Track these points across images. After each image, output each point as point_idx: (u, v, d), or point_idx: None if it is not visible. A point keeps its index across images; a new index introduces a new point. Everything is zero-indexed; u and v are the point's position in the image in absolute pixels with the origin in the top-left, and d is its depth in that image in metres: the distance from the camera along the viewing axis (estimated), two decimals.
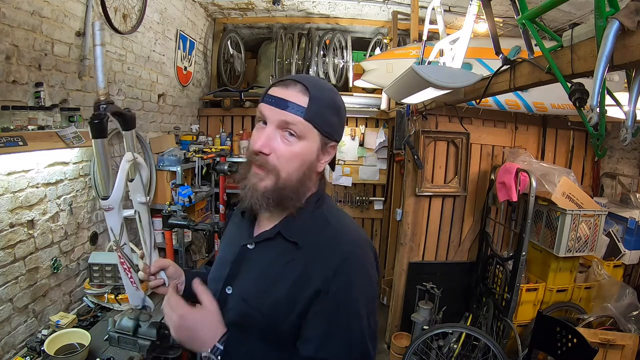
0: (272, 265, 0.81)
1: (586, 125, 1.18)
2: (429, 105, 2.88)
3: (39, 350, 1.66)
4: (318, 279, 0.74)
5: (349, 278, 0.75)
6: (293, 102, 0.78)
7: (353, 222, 0.89)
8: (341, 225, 0.84)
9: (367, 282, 0.79)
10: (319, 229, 0.81)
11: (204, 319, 0.78)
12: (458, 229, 3.63)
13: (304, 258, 0.78)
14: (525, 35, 1.44)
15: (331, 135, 0.83)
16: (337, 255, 0.76)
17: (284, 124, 0.78)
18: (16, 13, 1.64)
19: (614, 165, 3.73)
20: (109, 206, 0.84)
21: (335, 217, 0.86)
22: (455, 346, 2.80)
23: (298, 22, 4.19)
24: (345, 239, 0.81)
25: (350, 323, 0.75)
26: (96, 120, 0.82)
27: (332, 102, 0.83)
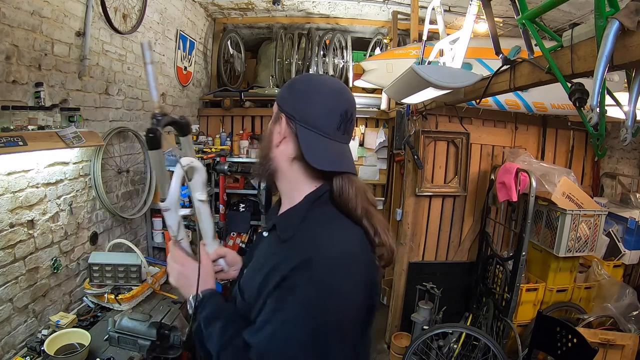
0: (264, 254, 0.86)
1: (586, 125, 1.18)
2: (429, 105, 2.88)
3: (39, 350, 1.66)
4: (283, 271, 0.74)
5: (304, 278, 0.72)
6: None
7: (345, 239, 0.80)
8: (326, 234, 0.79)
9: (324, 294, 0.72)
10: (305, 230, 0.81)
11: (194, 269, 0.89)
12: (458, 229, 3.63)
13: (284, 252, 0.79)
14: (525, 35, 1.44)
15: (279, 105, 0.87)
16: (303, 255, 0.74)
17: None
18: (16, 13, 1.64)
19: (614, 165, 3.73)
20: (167, 207, 0.93)
21: (326, 224, 0.81)
22: (455, 346, 2.80)
23: (298, 22, 4.19)
24: (322, 244, 0.77)
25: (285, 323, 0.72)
26: (150, 135, 0.88)
27: (292, 81, 0.90)
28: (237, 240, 3.97)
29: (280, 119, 0.85)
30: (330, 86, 0.86)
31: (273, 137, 0.86)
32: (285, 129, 0.84)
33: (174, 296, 2.20)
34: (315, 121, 0.82)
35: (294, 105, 0.84)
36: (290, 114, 0.83)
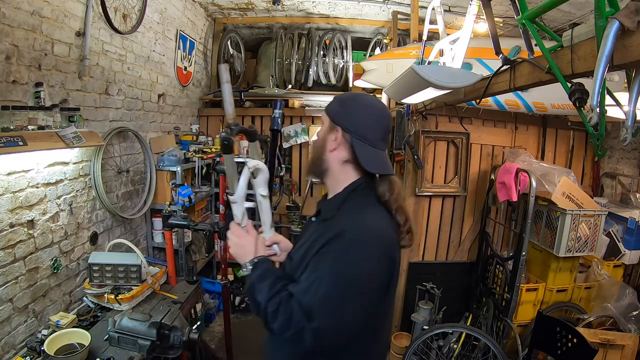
0: (310, 232, 1.10)
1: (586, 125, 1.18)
2: (429, 105, 2.88)
3: (39, 350, 1.66)
4: (321, 242, 0.98)
5: (335, 247, 0.95)
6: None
7: (375, 220, 1.02)
8: (360, 215, 1.02)
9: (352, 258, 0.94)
10: (342, 212, 1.04)
11: (250, 241, 1.15)
12: (458, 229, 3.63)
13: (324, 229, 1.02)
14: (525, 35, 1.44)
15: (333, 119, 1.09)
16: (337, 229, 0.97)
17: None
18: (16, 13, 1.64)
19: (614, 165, 3.73)
20: (234, 200, 1.16)
21: (360, 209, 1.04)
22: (455, 346, 2.80)
23: (298, 22, 4.19)
24: (354, 222, 0.99)
25: (317, 280, 0.94)
26: (225, 142, 1.11)
27: (342, 98, 1.14)
28: None
29: (337, 131, 1.08)
30: (376, 106, 1.11)
31: (327, 144, 1.09)
32: (341, 139, 1.07)
33: (174, 296, 2.20)
34: (366, 135, 1.06)
35: (349, 121, 1.07)
36: (346, 127, 1.07)
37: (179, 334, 1.77)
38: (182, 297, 2.20)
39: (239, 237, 1.17)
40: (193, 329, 1.84)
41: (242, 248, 1.15)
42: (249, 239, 1.16)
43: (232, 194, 1.16)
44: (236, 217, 1.17)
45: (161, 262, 2.53)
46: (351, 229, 0.97)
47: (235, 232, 1.18)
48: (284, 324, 0.94)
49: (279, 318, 0.95)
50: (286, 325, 0.94)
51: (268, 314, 0.97)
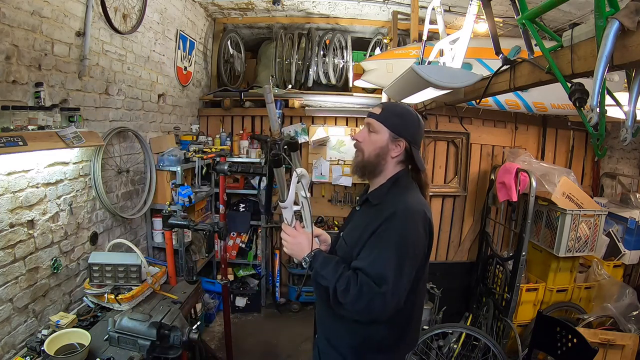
0: (360, 218, 1.35)
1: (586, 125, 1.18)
2: (429, 105, 2.88)
3: (39, 350, 1.66)
4: (376, 223, 1.20)
5: (392, 224, 1.18)
6: (373, 113, 1.35)
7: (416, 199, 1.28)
8: (403, 197, 1.26)
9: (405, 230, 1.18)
10: (389, 197, 1.29)
11: (304, 238, 1.31)
12: (458, 229, 3.64)
13: (375, 213, 1.25)
14: (525, 35, 1.44)
15: (396, 131, 1.30)
16: (390, 210, 1.21)
17: (368, 125, 1.35)
18: (16, 13, 1.64)
19: (614, 165, 3.73)
20: (285, 206, 1.31)
21: (403, 193, 1.28)
22: (455, 346, 2.80)
23: (298, 22, 4.19)
24: (402, 203, 1.23)
25: (381, 251, 1.16)
26: (276, 157, 1.26)
27: (398, 111, 1.34)
28: (237, 240, 3.97)
29: (400, 141, 1.31)
30: (417, 116, 1.37)
31: (390, 152, 1.31)
32: (403, 148, 1.31)
33: (174, 296, 2.20)
34: (417, 142, 1.35)
35: (409, 133, 1.32)
36: (408, 139, 1.31)
37: (179, 334, 1.77)
38: (182, 297, 2.20)
39: (293, 236, 1.32)
40: (193, 329, 1.84)
41: (298, 245, 1.30)
42: (302, 236, 1.31)
43: (283, 201, 1.31)
44: (286, 220, 1.33)
45: (161, 262, 2.53)
46: (402, 209, 1.20)
47: (290, 232, 1.33)
48: (355, 297, 1.12)
49: (350, 292, 1.12)
50: (358, 297, 1.12)
51: (338, 293, 1.14)
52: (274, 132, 1.33)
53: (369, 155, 1.32)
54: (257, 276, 3.98)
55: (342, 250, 1.34)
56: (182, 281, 2.38)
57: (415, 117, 1.35)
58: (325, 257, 1.26)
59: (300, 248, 1.30)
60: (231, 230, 3.90)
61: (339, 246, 1.37)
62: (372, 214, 1.27)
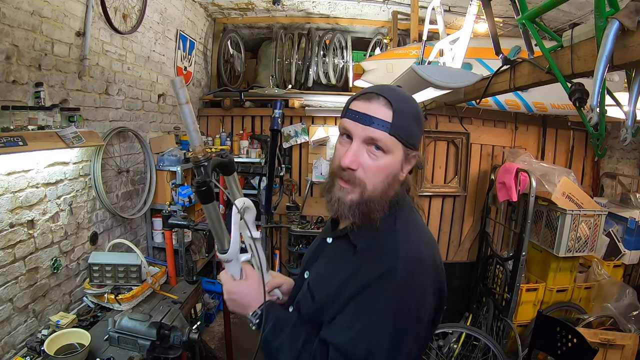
0: (336, 260, 0.90)
1: (586, 125, 1.18)
2: (429, 105, 2.88)
3: (39, 350, 1.66)
4: (363, 279, 0.79)
5: (388, 287, 0.77)
6: (378, 118, 0.80)
7: (422, 237, 0.86)
8: (405, 237, 0.82)
9: (407, 297, 0.78)
10: (382, 235, 0.83)
11: (245, 290, 0.92)
12: (458, 229, 3.64)
13: (360, 258, 0.83)
14: (525, 35, 1.44)
15: (414, 145, 0.85)
16: (385, 264, 0.78)
17: (370, 140, 0.81)
18: (16, 13, 1.64)
19: (614, 165, 3.73)
20: (229, 259, 0.92)
21: (404, 226, 0.85)
22: (455, 346, 2.80)
23: (298, 22, 4.19)
24: (401, 251, 0.79)
25: (368, 324, 0.77)
26: (203, 188, 0.82)
27: (415, 112, 0.85)
28: None
29: (415, 158, 0.87)
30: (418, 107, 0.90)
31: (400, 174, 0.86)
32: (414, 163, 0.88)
33: (174, 296, 2.20)
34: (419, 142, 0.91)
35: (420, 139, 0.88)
36: (417, 147, 0.87)
37: (179, 334, 1.77)
38: (182, 297, 2.20)
39: (236, 286, 0.93)
40: (193, 329, 1.84)
41: (243, 298, 0.92)
42: (248, 285, 0.93)
43: (223, 252, 0.91)
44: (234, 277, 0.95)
45: (161, 262, 2.53)
46: (403, 262, 0.78)
47: (224, 283, 0.95)
48: None
49: None
50: None
51: None
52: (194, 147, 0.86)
53: (375, 190, 0.83)
54: None
55: (306, 306, 0.90)
56: (182, 281, 2.38)
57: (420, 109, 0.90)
58: (278, 319, 0.88)
59: (245, 302, 0.91)
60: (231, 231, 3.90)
61: (303, 298, 0.93)
62: (354, 261, 0.84)
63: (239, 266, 0.94)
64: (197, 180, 0.82)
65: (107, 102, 2.38)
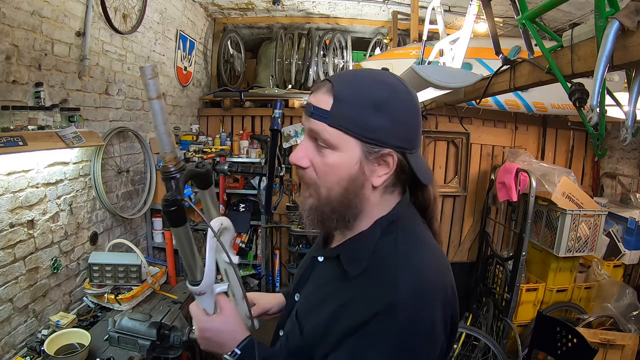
0: (327, 286, 0.75)
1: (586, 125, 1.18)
2: (429, 105, 2.88)
3: (39, 350, 1.66)
4: (358, 316, 0.65)
5: (390, 324, 0.63)
6: (317, 107, 0.67)
7: (430, 258, 0.69)
8: (408, 263, 0.66)
9: (409, 342, 0.64)
10: (380, 260, 0.68)
11: (221, 326, 0.80)
12: (458, 229, 3.64)
13: (354, 287, 0.68)
14: (525, 35, 1.44)
15: (377, 140, 0.66)
16: (387, 298, 0.63)
17: (312, 133, 0.69)
18: (16, 13, 1.64)
19: (614, 165, 3.73)
20: (202, 291, 0.77)
21: (407, 249, 0.68)
22: (455, 346, 2.80)
23: (298, 22, 4.19)
24: (406, 281, 0.64)
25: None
26: (172, 208, 0.66)
27: (372, 99, 0.65)
28: (237, 240, 3.96)
29: (387, 157, 0.67)
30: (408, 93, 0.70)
31: (367, 181, 0.69)
32: (394, 164, 0.68)
33: (174, 296, 2.20)
34: (415, 141, 0.70)
35: (403, 136, 0.68)
36: (401, 147, 0.68)
37: (179, 334, 1.76)
38: (182, 297, 2.20)
39: (208, 322, 0.80)
40: (193, 329, 1.83)
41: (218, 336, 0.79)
42: (223, 320, 0.80)
43: (195, 283, 0.76)
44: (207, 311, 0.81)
45: (161, 262, 2.53)
46: (407, 294, 0.63)
47: (202, 320, 0.81)
48: None
49: None
50: None
51: None
52: (164, 154, 0.70)
53: (330, 194, 0.69)
54: (257, 276, 3.98)
55: (294, 339, 0.76)
56: (182, 281, 2.38)
57: (405, 92, 0.69)
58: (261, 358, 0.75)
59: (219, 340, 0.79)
60: None
61: (291, 330, 0.79)
62: (348, 290, 0.69)
63: (213, 299, 0.80)
64: (165, 198, 0.66)
65: (107, 102, 2.38)
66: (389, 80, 0.69)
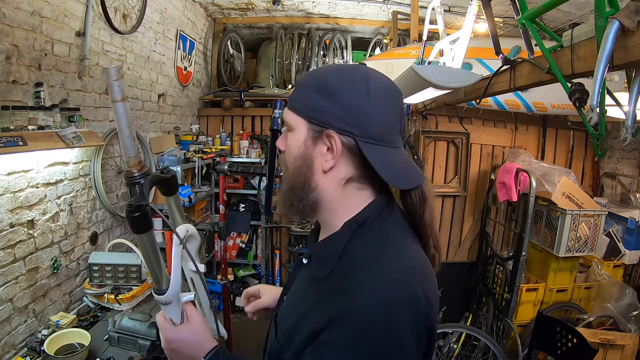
0: (301, 289, 0.76)
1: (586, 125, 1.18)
2: (429, 105, 2.88)
3: (39, 350, 1.66)
4: (316, 322, 0.61)
5: (344, 335, 0.58)
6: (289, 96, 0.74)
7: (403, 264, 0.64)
8: (374, 268, 0.63)
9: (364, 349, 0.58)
10: (346, 264, 0.66)
11: (189, 337, 0.78)
12: (458, 229, 3.64)
13: (318, 291, 0.67)
14: (525, 35, 1.44)
15: (320, 121, 0.67)
16: (344, 304, 0.60)
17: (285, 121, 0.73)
18: (16, 13, 1.64)
19: (614, 165, 3.73)
20: (168, 300, 0.76)
21: (377, 254, 0.65)
22: (455, 346, 2.81)
23: (298, 22, 4.19)
24: (367, 288, 0.60)
25: None
26: (136, 214, 0.65)
27: (320, 84, 0.68)
28: (237, 240, 3.97)
29: (328, 137, 0.66)
30: (378, 80, 0.69)
31: (315, 162, 0.68)
32: (340, 149, 0.66)
33: None
34: (378, 131, 0.67)
35: (349, 115, 0.66)
36: (346, 130, 0.66)
37: None
38: None
39: (175, 332, 0.78)
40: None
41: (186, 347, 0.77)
42: (190, 330, 0.78)
43: (161, 292, 0.75)
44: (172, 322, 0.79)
45: None
46: (363, 304, 0.58)
47: (169, 331, 0.78)
48: None
49: None
50: None
51: None
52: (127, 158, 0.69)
53: (288, 173, 0.72)
54: (257, 276, 3.98)
55: (270, 342, 0.75)
56: None
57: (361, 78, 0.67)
58: None
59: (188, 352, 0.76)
60: (231, 230, 3.90)
61: (270, 332, 0.77)
62: (315, 292, 0.68)
63: (180, 308, 0.79)
64: (129, 203, 0.65)
65: (107, 102, 2.38)
66: (350, 71, 0.70)
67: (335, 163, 0.67)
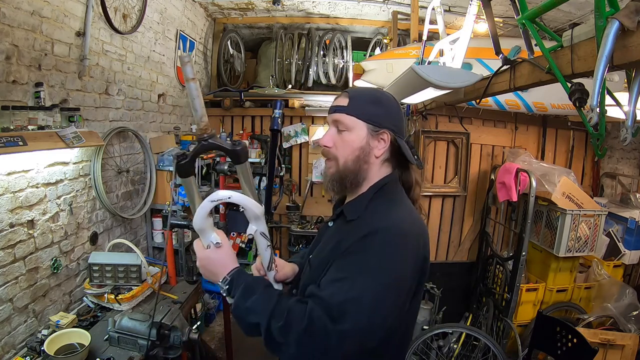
0: (332, 236, 1.02)
1: (586, 125, 1.18)
2: (429, 105, 2.88)
3: (39, 350, 1.66)
4: (347, 243, 0.90)
5: (370, 245, 0.87)
6: (339, 105, 1.02)
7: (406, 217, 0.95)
8: (390, 212, 0.95)
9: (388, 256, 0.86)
10: (370, 212, 0.97)
11: (214, 257, 0.97)
12: (458, 229, 3.64)
13: (350, 230, 0.95)
14: (525, 35, 1.44)
15: (377, 123, 1.00)
16: (370, 227, 0.89)
17: (335, 123, 1.02)
18: (16, 13, 1.64)
19: (614, 165, 3.73)
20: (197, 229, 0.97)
21: (390, 206, 0.97)
22: (455, 346, 2.80)
23: (298, 22, 4.19)
24: (386, 220, 0.92)
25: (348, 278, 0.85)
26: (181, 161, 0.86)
27: (371, 97, 1.03)
28: (237, 240, 3.96)
29: (383, 134, 1.00)
30: (393, 99, 1.08)
31: (373, 150, 1.00)
32: (388, 142, 1.00)
33: (174, 296, 2.20)
34: (402, 130, 1.05)
35: (392, 121, 1.02)
36: (392, 129, 1.01)
37: (179, 334, 1.77)
38: (182, 297, 2.20)
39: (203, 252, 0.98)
40: (193, 329, 1.84)
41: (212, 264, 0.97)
42: (217, 252, 0.97)
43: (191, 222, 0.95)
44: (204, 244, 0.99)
45: (161, 262, 2.53)
46: (385, 227, 0.89)
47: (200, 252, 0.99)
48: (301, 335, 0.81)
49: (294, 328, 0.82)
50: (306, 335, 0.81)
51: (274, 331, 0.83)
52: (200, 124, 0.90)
53: (346, 162, 0.99)
54: None
55: (305, 276, 1.03)
56: (182, 281, 2.38)
57: (392, 99, 1.07)
58: (248, 282, 0.93)
59: (213, 269, 0.97)
60: (231, 230, 3.90)
61: (304, 272, 1.06)
62: (346, 231, 0.96)
63: (208, 238, 0.98)
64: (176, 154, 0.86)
65: (107, 102, 2.38)
66: (377, 89, 1.14)
67: (384, 150, 1.01)
